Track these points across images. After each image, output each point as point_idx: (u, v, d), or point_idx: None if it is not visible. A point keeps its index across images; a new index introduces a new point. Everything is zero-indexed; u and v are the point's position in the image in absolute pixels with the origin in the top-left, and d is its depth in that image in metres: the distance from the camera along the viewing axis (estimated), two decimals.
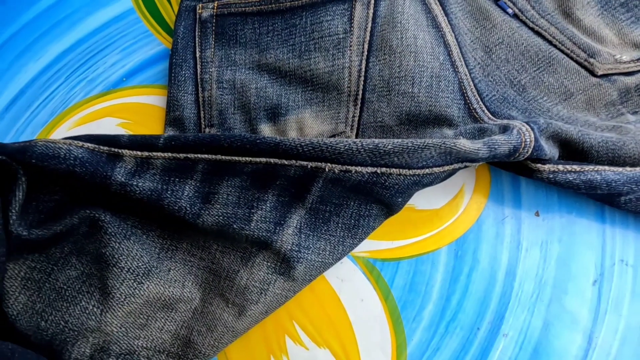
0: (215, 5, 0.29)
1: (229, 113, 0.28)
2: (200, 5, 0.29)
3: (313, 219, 0.23)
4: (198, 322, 0.23)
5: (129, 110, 0.30)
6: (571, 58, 0.28)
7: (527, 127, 0.22)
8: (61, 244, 0.21)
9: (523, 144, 0.21)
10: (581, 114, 0.27)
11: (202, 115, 0.28)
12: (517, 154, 0.22)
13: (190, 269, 0.23)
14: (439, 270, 0.25)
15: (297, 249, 0.23)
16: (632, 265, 0.25)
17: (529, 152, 0.21)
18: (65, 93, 0.30)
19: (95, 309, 0.21)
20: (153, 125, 0.29)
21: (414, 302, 0.24)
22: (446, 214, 0.26)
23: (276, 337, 0.24)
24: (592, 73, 0.27)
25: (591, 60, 0.27)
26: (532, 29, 0.28)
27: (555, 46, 0.28)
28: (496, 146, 0.21)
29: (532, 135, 0.21)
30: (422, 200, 0.26)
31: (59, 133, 0.29)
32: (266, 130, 0.27)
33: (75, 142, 0.21)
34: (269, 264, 0.23)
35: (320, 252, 0.23)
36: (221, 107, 0.28)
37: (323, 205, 0.23)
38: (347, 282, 0.25)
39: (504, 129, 0.22)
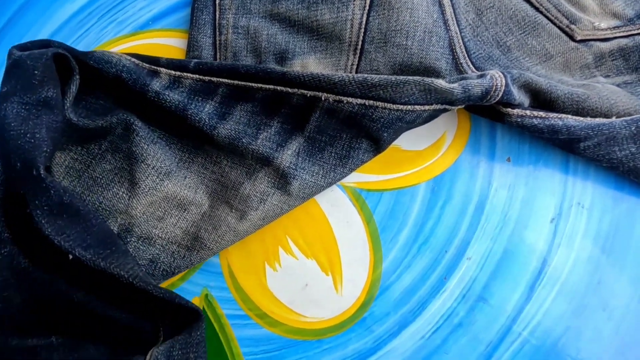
0: None
1: (241, 55, 0.31)
2: None
3: (310, 147, 0.27)
4: (206, 222, 0.27)
5: (153, 50, 0.33)
6: (554, 24, 0.30)
7: (500, 74, 0.25)
8: (99, 141, 0.25)
9: (494, 87, 0.24)
10: (558, 74, 0.30)
11: (218, 56, 0.31)
12: (489, 97, 0.25)
13: (203, 179, 0.27)
14: (416, 201, 0.29)
15: (294, 167, 0.26)
16: (587, 208, 0.28)
17: (500, 95, 0.25)
18: (97, 32, 0.34)
19: (124, 195, 0.25)
20: None
21: (392, 226, 0.28)
22: (427, 155, 0.29)
23: (272, 248, 0.28)
24: (572, 38, 0.30)
25: (572, 26, 0.30)
26: None
27: (541, 12, 0.31)
28: (470, 87, 0.24)
29: (504, 81, 0.25)
30: (407, 142, 0.30)
31: None
32: None
33: (125, 55, 0.25)
34: (269, 178, 0.27)
35: (314, 174, 0.27)
36: (235, 49, 0.31)
37: (319, 135, 0.27)
38: (335, 206, 0.29)
39: (481, 76, 0.26)
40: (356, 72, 0.30)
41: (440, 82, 0.24)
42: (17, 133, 0.21)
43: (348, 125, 0.27)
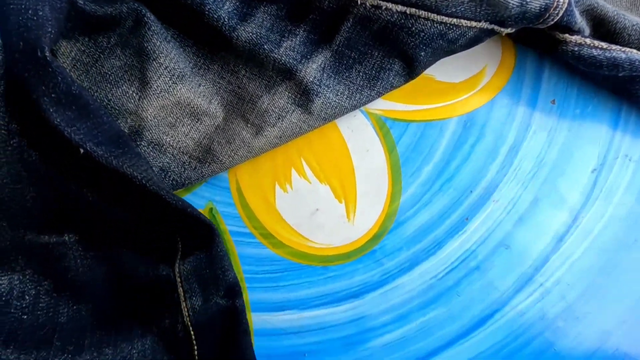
0: None
1: None
2: None
3: (337, 63, 0.25)
4: (219, 135, 0.25)
5: None
6: None
7: None
8: (108, 33, 0.23)
9: (555, 3, 0.21)
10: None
11: None
12: (548, 15, 0.22)
13: (218, 90, 0.25)
14: (445, 136, 0.26)
15: (318, 83, 0.24)
16: (635, 161, 0.25)
17: (560, 15, 0.22)
18: None
19: (134, 94, 0.23)
20: None
21: (416, 159, 0.26)
22: (463, 88, 0.27)
23: (283, 169, 0.27)
24: None
25: None
26: None
27: None
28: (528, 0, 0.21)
29: None
30: (442, 72, 0.27)
31: None
32: None
33: None
34: (289, 94, 0.25)
35: (339, 94, 0.25)
36: None
37: (348, 51, 0.25)
38: (357, 132, 0.27)
39: None
40: None
41: None
42: (17, 8, 0.19)
43: (381, 41, 0.24)
